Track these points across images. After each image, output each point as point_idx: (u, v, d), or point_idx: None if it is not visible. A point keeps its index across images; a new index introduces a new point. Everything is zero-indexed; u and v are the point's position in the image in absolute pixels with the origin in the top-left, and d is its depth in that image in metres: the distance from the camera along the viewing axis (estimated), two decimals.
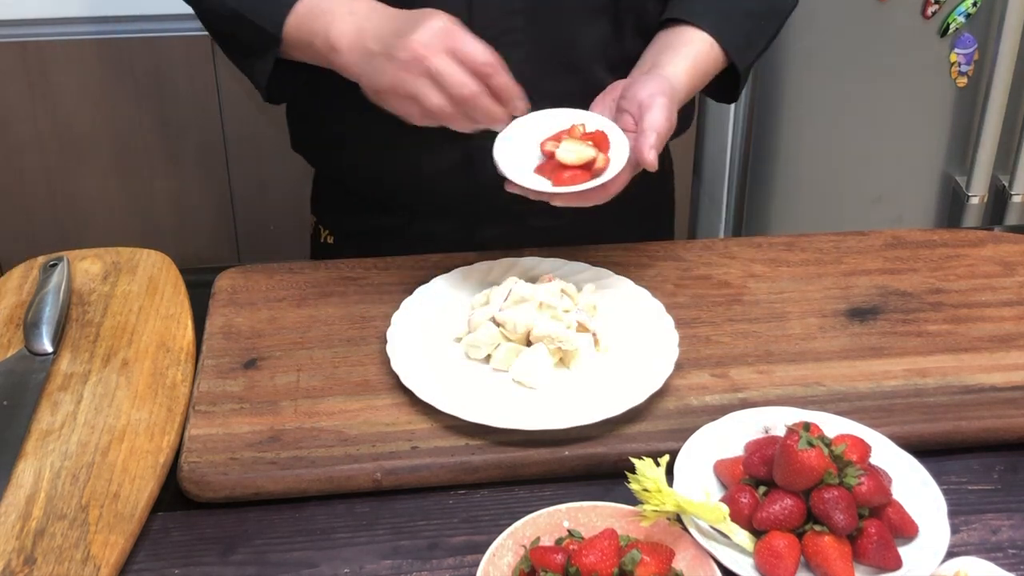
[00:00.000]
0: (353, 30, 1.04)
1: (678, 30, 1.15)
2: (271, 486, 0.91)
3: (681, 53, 1.12)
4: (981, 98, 2.10)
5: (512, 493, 0.93)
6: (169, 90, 2.03)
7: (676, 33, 1.15)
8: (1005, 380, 1.03)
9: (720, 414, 0.95)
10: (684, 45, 1.13)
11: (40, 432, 0.95)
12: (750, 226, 2.25)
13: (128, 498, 0.89)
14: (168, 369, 1.03)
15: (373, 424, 0.97)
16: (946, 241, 1.25)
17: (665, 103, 1.04)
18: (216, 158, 2.10)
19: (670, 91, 1.06)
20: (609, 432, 0.96)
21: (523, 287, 1.06)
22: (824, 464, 0.82)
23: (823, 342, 1.08)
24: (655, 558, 0.79)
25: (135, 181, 2.11)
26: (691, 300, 1.14)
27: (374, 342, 1.07)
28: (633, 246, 1.22)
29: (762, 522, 0.83)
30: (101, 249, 1.20)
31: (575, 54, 1.17)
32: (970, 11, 2.04)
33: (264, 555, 0.87)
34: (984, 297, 1.15)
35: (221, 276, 1.17)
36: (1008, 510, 0.91)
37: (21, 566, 0.83)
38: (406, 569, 0.86)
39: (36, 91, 2.01)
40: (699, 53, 1.13)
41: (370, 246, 1.22)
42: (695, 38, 1.14)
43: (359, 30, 1.04)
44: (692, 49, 1.13)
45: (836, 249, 1.23)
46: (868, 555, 0.82)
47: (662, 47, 1.14)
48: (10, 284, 1.15)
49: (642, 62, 1.14)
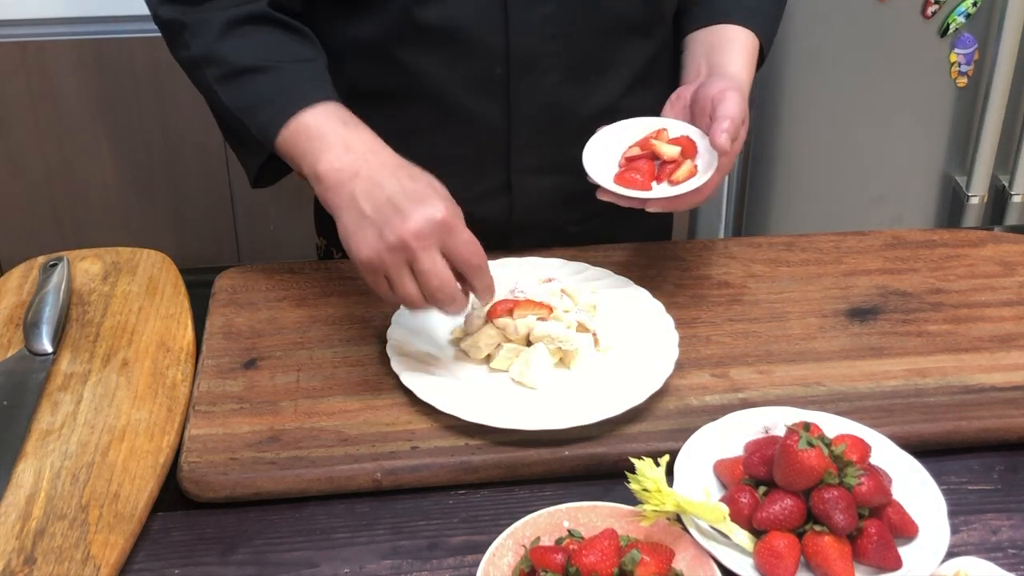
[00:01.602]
0: (347, 171, 0.99)
1: (716, 29, 1.18)
2: (271, 486, 0.91)
3: (733, 50, 1.16)
4: (981, 98, 2.10)
5: (512, 493, 0.93)
6: (169, 90, 2.03)
7: (717, 32, 1.18)
8: (1005, 380, 1.03)
9: (720, 414, 0.95)
10: (732, 42, 1.17)
11: (40, 432, 0.95)
12: (750, 226, 2.25)
13: (128, 498, 0.89)
14: (168, 369, 1.03)
15: (373, 424, 0.97)
16: (946, 241, 1.25)
17: (736, 96, 1.06)
18: (216, 158, 2.10)
19: (737, 85, 1.08)
20: (609, 432, 0.96)
21: (523, 287, 1.06)
22: (824, 464, 0.82)
23: (823, 342, 1.08)
24: (655, 558, 0.79)
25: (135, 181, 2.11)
26: (691, 300, 1.14)
27: (374, 342, 1.07)
28: (633, 246, 1.22)
29: (762, 522, 0.83)
30: (101, 249, 1.20)
31: (606, 72, 1.18)
32: (970, 11, 2.04)
33: (264, 555, 0.87)
34: (984, 297, 1.15)
35: (221, 276, 1.17)
36: (1008, 510, 0.91)
37: (21, 566, 0.83)
38: (406, 569, 0.86)
39: (36, 91, 2.01)
40: (745, 47, 1.17)
41: None
42: (737, 34, 1.17)
43: (353, 175, 0.98)
44: (739, 45, 1.17)
45: (836, 249, 1.23)
46: (868, 555, 0.82)
47: (709, 48, 1.17)
48: (10, 284, 1.15)
49: (693, 67, 1.17)
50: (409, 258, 0.95)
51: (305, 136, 1.03)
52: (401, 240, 0.94)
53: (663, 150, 1.07)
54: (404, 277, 0.95)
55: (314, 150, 1.01)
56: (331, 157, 1.00)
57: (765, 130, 2.14)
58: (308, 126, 1.03)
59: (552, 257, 1.16)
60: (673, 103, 1.13)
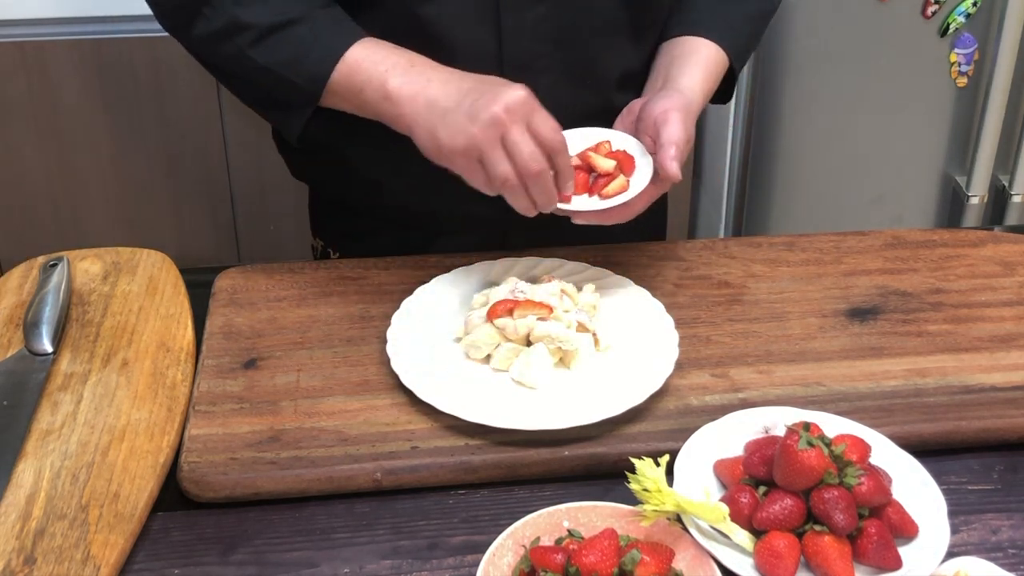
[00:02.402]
0: (419, 82, 1.03)
1: (683, 40, 1.18)
2: (271, 486, 0.91)
3: (692, 63, 1.15)
4: (981, 98, 2.09)
5: (512, 493, 0.93)
6: (169, 90, 2.03)
7: (682, 44, 1.18)
8: (1005, 380, 1.03)
9: (720, 414, 0.95)
10: (692, 54, 1.16)
11: (40, 432, 0.95)
12: (750, 226, 2.24)
13: (128, 498, 0.89)
14: (168, 369, 1.03)
15: (373, 424, 0.97)
16: (946, 241, 1.25)
17: (680, 116, 1.06)
18: (216, 158, 2.10)
19: (684, 104, 1.08)
20: (609, 432, 0.96)
21: (523, 287, 1.06)
22: (824, 464, 0.82)
23: (823, 342, 1.08)
24: (655, 558, 0.79)
25: (135, 181, 2.11)
26: (691, 300, 1.14)
27: (374, 342, 1.07)
28: (633, 246, 1.22)
29: (762, 522, 0.83)
30: (101, 249, 1.20)
31: (599, 74, 1.18)
32: (970, 11, 2.04)
33: (264, 555, 0.87)
34: (984, 297, 1.15)
35: (221, 276, 1.17)
36: (1008, 510, 0.91)
37: (21, 566, 0.83)
38: (406, 569, 0.86)
39: (36, 91, 2.01)
40: (708, 60, 1.16)
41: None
42: (702, 47, 1.17)
43: (426, 82, 1.03)
44: (701, 57, 1.16)
45: (836, 249, 1.23)
46: (868, 555, 0.82)
47: (671, 60, 1.17)
48: (10, 284, 1.15)
49: (654, 78, 1.17)
50: (502, 132, 0.98)
51: (364, 66, 1.05)
52: (493, 115, 0.97)
53: (598, 163, 1.07)
54: (497, 155, 0.98)
55: (380, 73, 1.04)
56: (398, 73, 1.03)
57: (765, 130, 2.14)
58: (361, 59, 1.05)
59: (552, 257, 1.16)
60: (623, 116, 1.14)
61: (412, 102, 1.02)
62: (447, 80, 1.03)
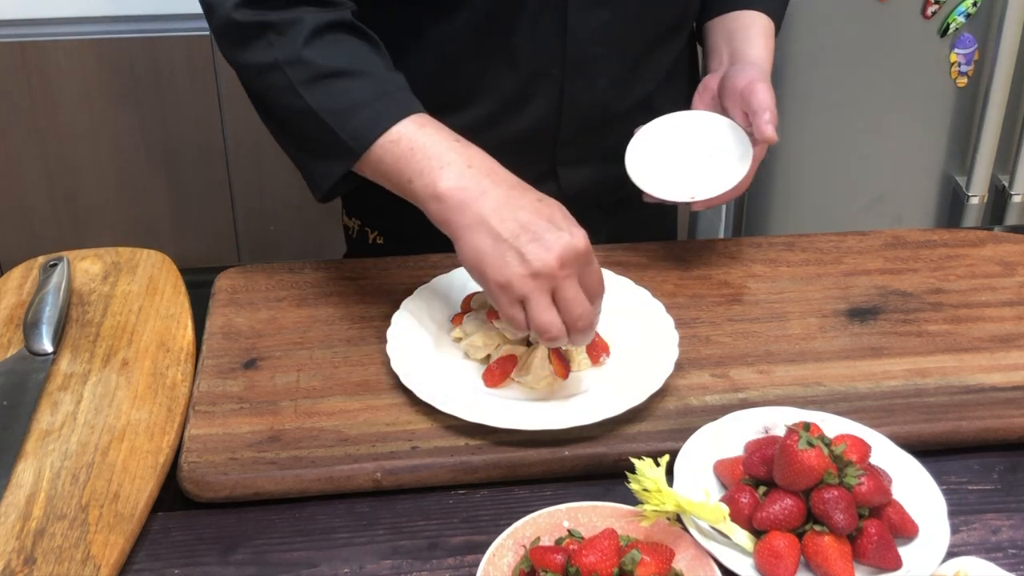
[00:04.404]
0: (473, 191, 0.95)
1: (733, 16, 1.25)
2: (271, 486, 0.91)
3: (753, 34, 1.22)
4: (981, 98, 2.10)
5: (512, 493, 0.93)
6: (169, 90, 2.03)
7: (735, 19, 1.24)
8: (1005, 380, 1.03)
9: (720, 414, 0.95)
10: (752, 26, 1.23)
11: (40, 432, 0.95)
12: (750, 226, 2.25)
13: (128, 498, 0.89)
14: (168, 369, 1.03)
15: (373, 424, 0.97)
16: (946, 241, 1.25)
17: (764, 86, 1.13)
18: (216, 158, 2.10)
19: (762, 73, 1.15)
20: (609, 432, 0.96)
21: None
22: (824, 464, 0.82)
23: (823, 342, 1.08)
24: (655, 558, 0.79)
25: (135, 181, 2.11)
26: (691, 300, 1.14)
27: (374, 342, 1.07)
28: (633, 246, 1.22)
29: (762, 522, 0.83)
30: (101, 249, 1.20)
31: (646, 70, 1.23)
32: (970, 11, 2.04)
33: (264, 555, 0.87)
34: (984, 297, 1.15)
35: (221, 276, 1.17)
36: (1008, 510, 0.91)
37: (21, 566, 0.83)
38: (406, 569, 0.86)
39: (36, 91, 2.01)
40: (766, 31, 1.23)
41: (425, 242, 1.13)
42: (757, 19, 1.23)
43: (480, 193, 0.95)
44: (759, 29, 1.23)
45: (836, 249, 1.23)
46: (868, 555, 0.82)
47: (730, 34, 1.24)
48: (10, 284, 1.15)
49: (717, 53, 1.24)
50: (553, 286, 0.92)
51: (413, 153, 0.98)
52: (548, 267, 0.91)
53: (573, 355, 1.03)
54: (543, 303, 0.92)
55: (432, 167, 0.97)
56: (452, 175, 0.96)
57: None
58: (413, 138, 0.99)
59: None
60: (701, 94, 1.20)
61: (462, 213, 0.95)
62: (504, 200, 0.95)
